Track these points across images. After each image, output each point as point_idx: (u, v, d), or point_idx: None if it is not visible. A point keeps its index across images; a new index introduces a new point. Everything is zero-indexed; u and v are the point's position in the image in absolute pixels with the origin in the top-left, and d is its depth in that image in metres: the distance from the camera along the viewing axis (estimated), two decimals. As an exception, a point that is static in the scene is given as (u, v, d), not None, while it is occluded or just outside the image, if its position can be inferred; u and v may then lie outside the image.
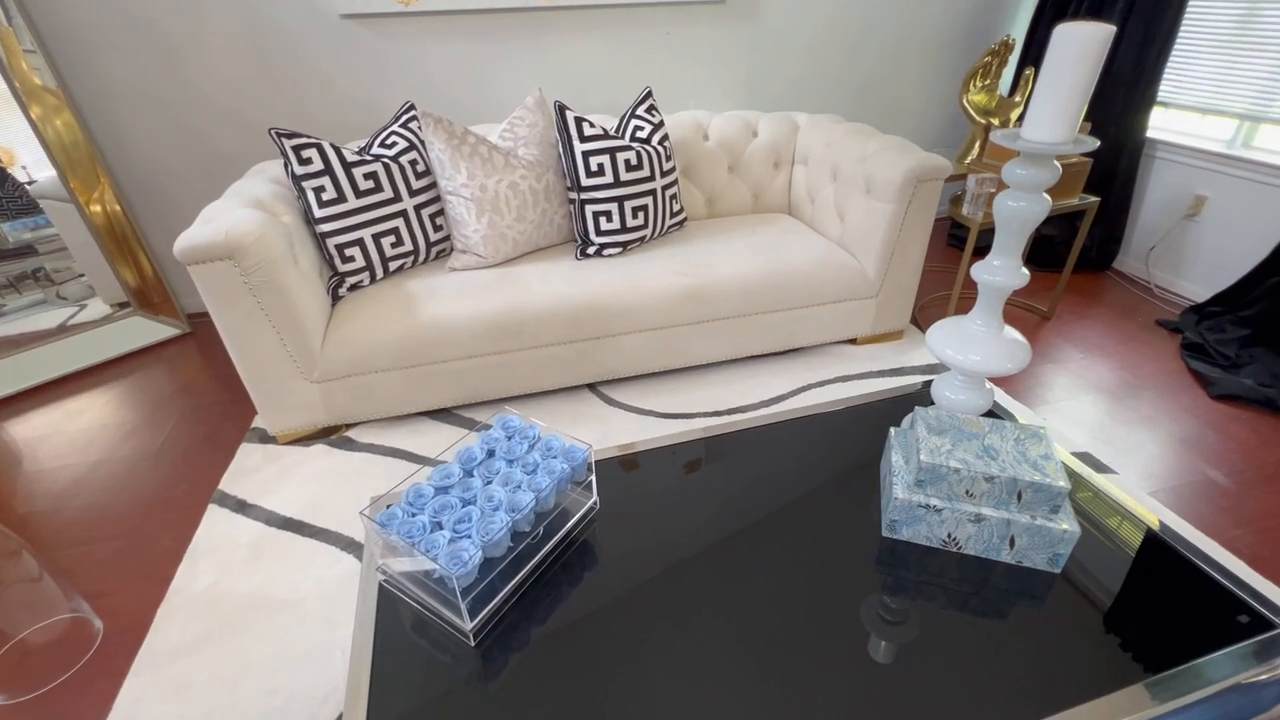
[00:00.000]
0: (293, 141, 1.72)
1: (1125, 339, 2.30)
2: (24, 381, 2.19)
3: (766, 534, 1.04)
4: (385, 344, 1.74)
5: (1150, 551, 0.98)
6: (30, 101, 2.10)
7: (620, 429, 1.89)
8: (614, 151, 1.92)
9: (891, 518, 0.98)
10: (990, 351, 1.04)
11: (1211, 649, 0.83)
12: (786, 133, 2.41)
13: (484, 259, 1.95)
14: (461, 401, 1.91)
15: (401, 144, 1.91)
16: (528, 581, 0.95)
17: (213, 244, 1.49)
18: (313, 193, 1.76)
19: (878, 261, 2.05)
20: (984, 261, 1.02)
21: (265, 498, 1.67)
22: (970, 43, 2.93)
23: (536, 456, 0.99)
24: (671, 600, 0.94)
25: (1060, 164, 2.13)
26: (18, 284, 2.33)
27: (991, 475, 0.90)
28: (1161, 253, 2.63)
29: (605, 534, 1.07)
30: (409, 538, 0.85)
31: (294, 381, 1.74)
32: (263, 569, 1.46)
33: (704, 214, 2.43)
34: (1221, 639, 0.84)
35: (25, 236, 2.31)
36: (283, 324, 1.65)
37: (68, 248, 2.35)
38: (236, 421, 1.98)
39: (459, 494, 0.93)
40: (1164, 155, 2.55)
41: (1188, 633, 0.85)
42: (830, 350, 2.23)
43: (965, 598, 0.94)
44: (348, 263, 1.84)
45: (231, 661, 1.25)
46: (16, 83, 2.06)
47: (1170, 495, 1.61)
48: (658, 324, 1.94)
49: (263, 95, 2.31)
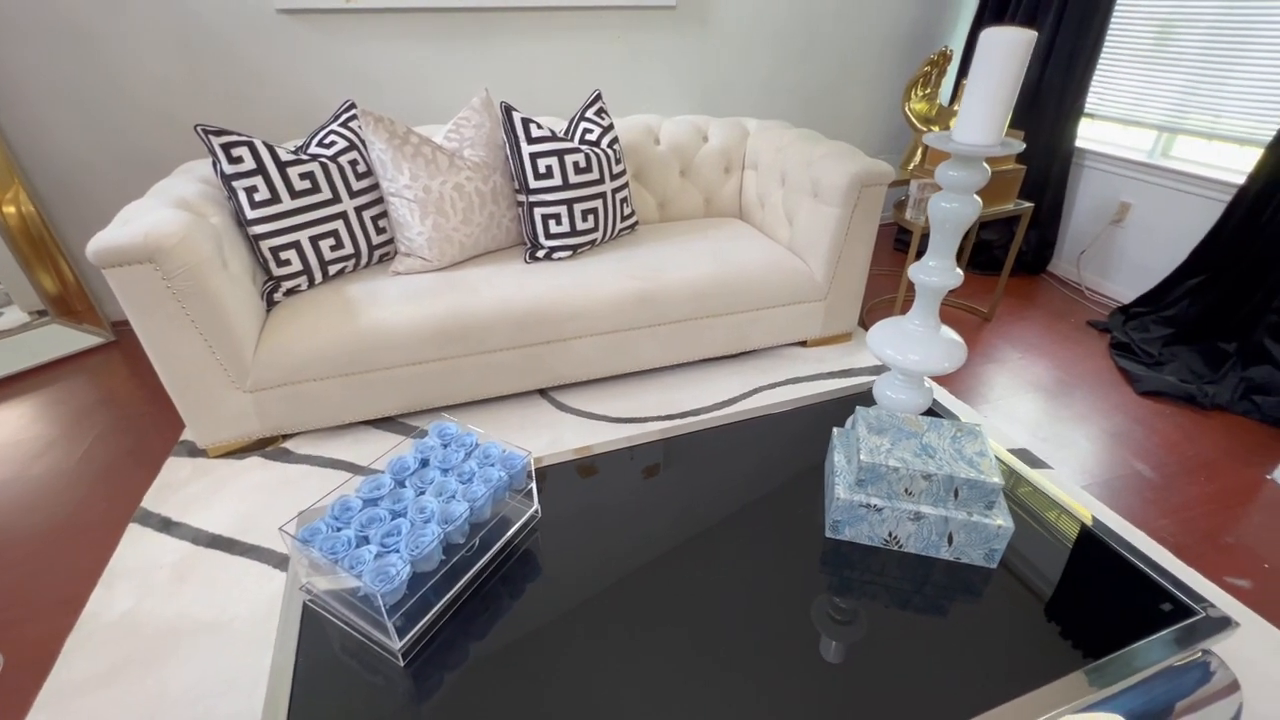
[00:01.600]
0: (221, 139, 1.63)
1: (1060, 339, 2.39)
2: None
3: (714, 539, 1.03)
4: (323, 350, 1.67)
5: (1082, 545, 1.01)
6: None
7: (571, 434, 1.85)
8: (562, 154, 1.90)
9: (834, 518, 0.98)
10: (928, 351, 1.06)
11: (1139, 636, 0.86)
12: (737, 138, 2.43)
13: (429, 262, 1.89)
14: (406, 409, 1.85)
15: (341, 144, 1.84)
16: (463, 596, 0.91)
17: (130, 246, 1.40)
18: (244, 193, 1.67)
19: (826, 265, 2.08)
20: (920, 262, 1.04)
21: (192, 514, 1.57)
22: (913, 53, 3.02)
23: (473, 465, 0.96)
24: (616, 610, 0.92)
25: (993, 168, 2.21)
26: None
27: (929, 473, 0.91)
28: (1091, 256, 2.75)
29: (548, 543, 1.04)
30: (332, 554, 0.81)
31: (224, 391, 1.65)
32: (187, 591, 1.37)
33: (656, 218, 2.42)
34: (1148, 627, 0.87)
35: None
36: (210, 331, 1.56)
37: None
38: (164, 434, 1.87)
39: (389, 506, 0.89)
40: (1092, 164, 2.68)
41: (1118, 622, 0.88)
42: (781, 353, 2.25)
43: (907, 596, 0.95)
44: (283, 266, 1.76)
45: (147, 693, 1.17)
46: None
47: (1102, 489, 1.67)
48: (609, 328, 1.92)
49: (194, 92, 2.20)
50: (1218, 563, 1.44)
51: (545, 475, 1.16)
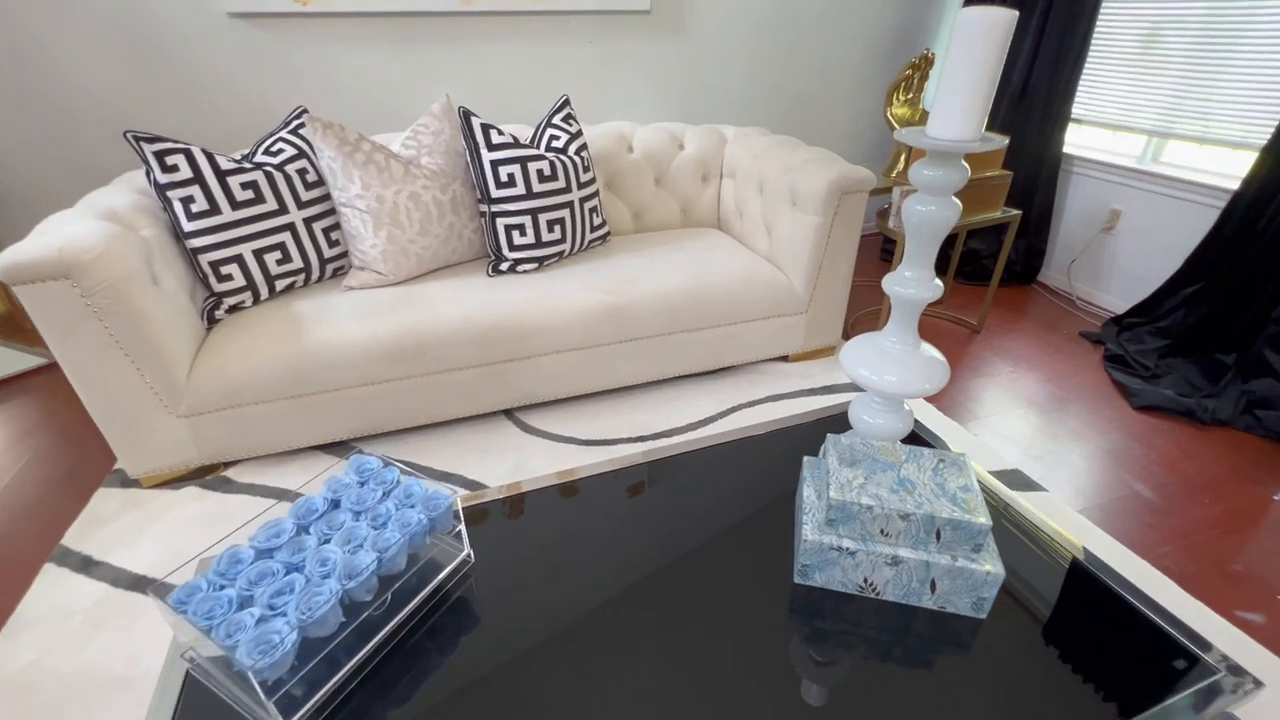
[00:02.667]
0: (154, 146, 1.52)
1: (1051, 351, 2.30)
2: None
3: (673, 582, 0.91)
4: (263, 372, 1.55)
5: (1083, 588, 0.90)
6: None
7: (536, 458, 1.74)
8: (525, 161, 1.80)
9: (803, 561, 0.87)
10: (907, 371, 0.95)
11: (1151, 700, 0.74)
12: (714, 145, 2.34)
13: (384, 276, 1.78)
14: (360, 433, 1.73)
15: (289, 151, 1.73)
16: (374, 659, 0.79)
17: (43, 260, 1.29)
18: (180, 203, 1.56)
19: (806, 276, 1.98)
20: (895, 273, 0.94)
21: (116, 552, 1.44)
22: (896, 57, 2.95)
23: (390, 507, 0.84)
24: (562, 661, 0.80)
25: (980, 174, 2.12)
26: None
27: (907, 512, 0.80)
28: (1082, 265, 2.67)
29: (485, 589, 0.92)
30: (207, 619, 0.69)
31: (156, 417, 1.53)
32: (99, 640, 1.24)
33: (631, 228, 2.32)
34: (1160, 688, 0.76)
35: None
36: (137, 352, 1.44)
37: None
38: (97, 463, 1.74)
39: (286, 557, 0.77)
40: (1080, 170, 2.60)
41: (1126, 682, 0.77)
42: (762, 368, 2.14)
43: (887, 647, 0.84)
44: (224, 281, 1.65)
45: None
46: None
47: (1099, 512, 1.56)
48: (577, 344, 1.81)
49: (143, 99, 2.09)
50: (1227, 595, 1.34)
51: (487, 511, 1.04)
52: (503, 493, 1.05)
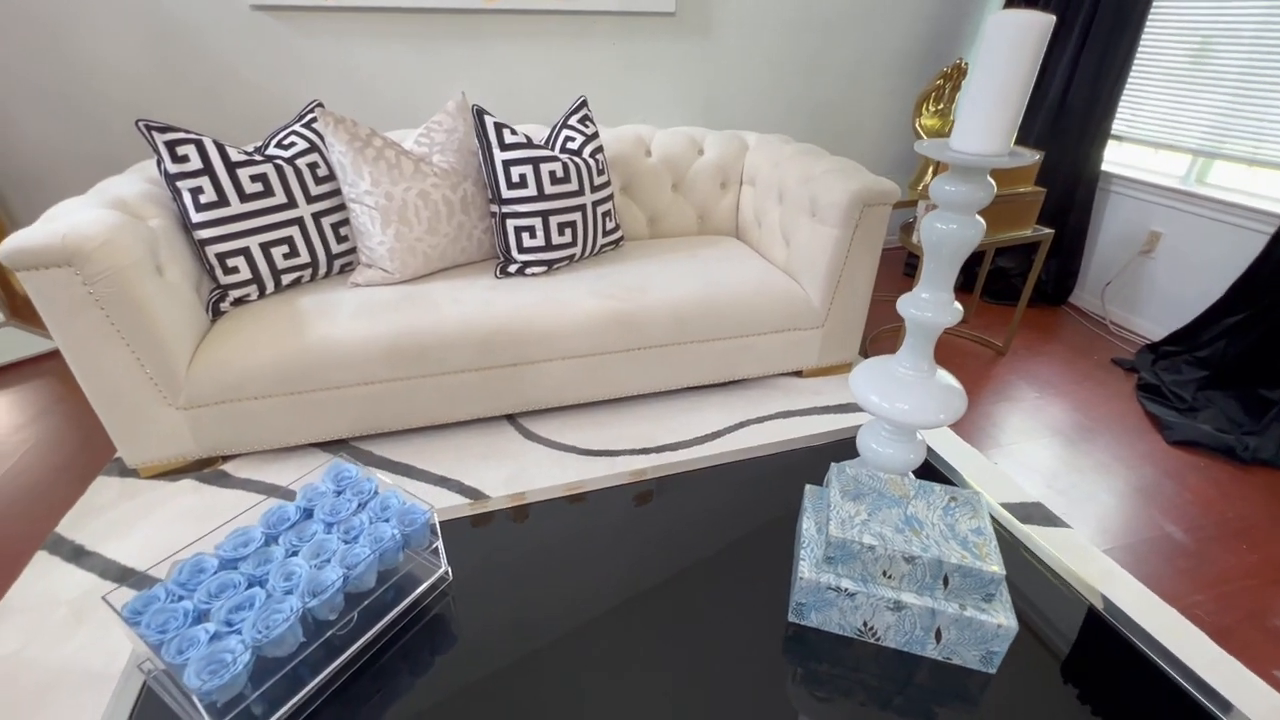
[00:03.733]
0: (166, 135, 1.52)
1: (1080, 377, 2.20)
2: None
3: (661, 608, 0.86)
4: (263, 367, 1.53)
5: (1099, 642, 0.82)
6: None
7: (537, 466, 1.69)
8: (538, 162, 1.76)
9: (798, 600, 0.81)
10: (920, 400, 0.88)
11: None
12: (735, 152, 2.29)
13: (390, 274, 1.75)
14: (359, 433, 1.70)
15: (301, 145, 1.72)
16: (339, 680, 0.75)
17: (46, 247, 1.28)
18: (189, 194, 1.55)
19: (823, 289, 1.91)
20: (910, 294, 0.87)
21: (108, 543, 1.43)
22: (927, 66, 2.87)
23: (364, 519, 0.80)
24: (542, 687, 0.75)
25: (1011, 190, 2.03)
26: None
27: (912, 555, 0.74)
28: (1117, 289, 2.55)
29: (464, 609, 0.88)
30: (160, 633, 0.65)
31: (155, 408, 1.52)
32: (81, 633, 1.22)
33: (646, 234, 2.27)
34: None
35: None
36: (138, 342, 1.43)
37: None
38: (98, 451, 1.74)
39: (250, 570, 0.73)
40: (1119, 189, 2.49)
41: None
42: (774, 383, 2.08)
43: (887, 697, 0.77)
44: (230, 274, 1.63)
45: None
46: None
47: (1126, 553, 1.47)
48: (583, 351, 1.77)
49: (165, 89, 2.10)
50: (1264, 652, 1.24)
51: (469, 525, 1.00)
52: (487, 506, 1.01)
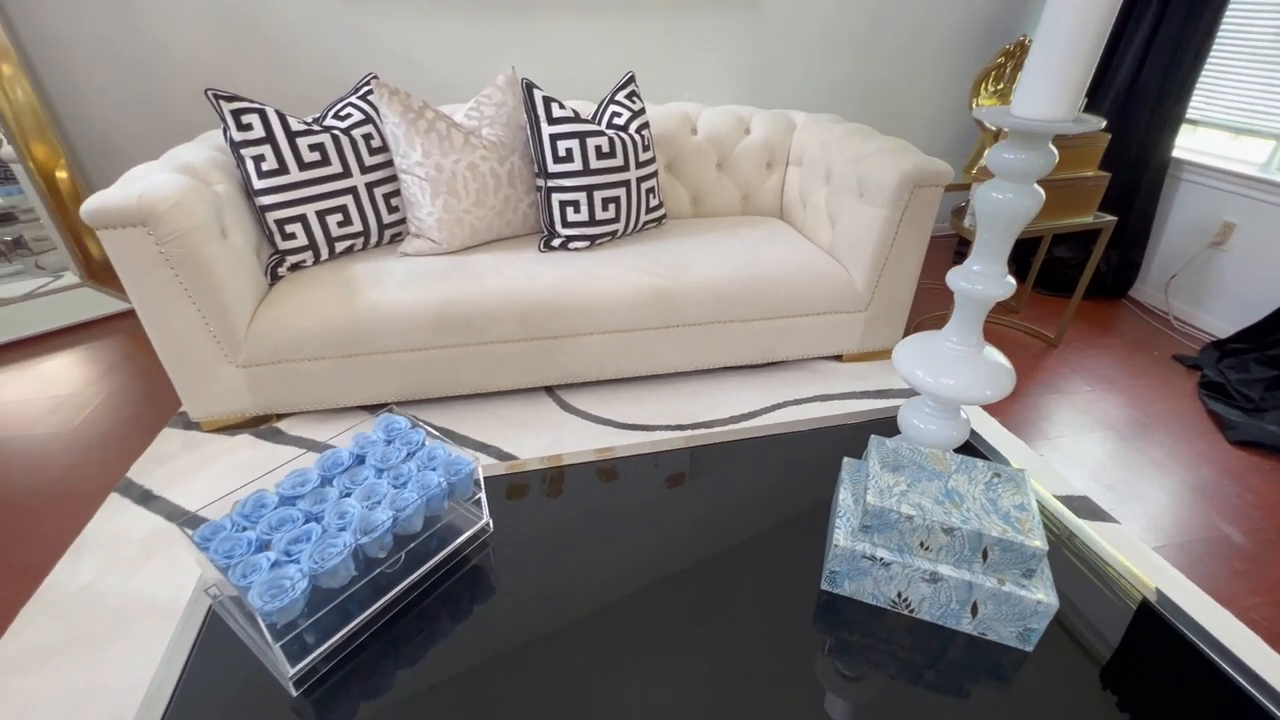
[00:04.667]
0: (232, 105, 1.58)
1: (1138, 373, 2.10)
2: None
3: (695, 574, 0.87)
4: (318, 329, 1.59)
5: (1148, 632, 0.80)
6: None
7: (573, 438, 1.72)
8: (584, 136, 1.77)
9: (832, 568, 0.81)
10: (967, 375, 0.87)
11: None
12: (782, 131, 2.25)
13: (438, 245, 1.80)
14: (404, 397, 1.76)
15: (356, 116, 1.77)
16: (386, 616, 0.79)
17: (124, 208, 1.36)
18: (252, 161, 1.62)
19: (868, 272, 1.88)
20: (961, 267, 0.86)
21: (172, 489, 1.52)
22: (987, 44, 2.76)
23: (412, 467, 0.83)
24: (576, 641, 0.78)
25: (1073, 174, 1.95)
26: (9, 252, 2.25)
27: (952, 527, 0.73)
28: (1183, 282, 2.43)
29: (503, 560, 0.91)
30: (226, 558, 0.70)
31: (218, 365, 1.60)
32: (149, 569, 1.31)
33: (688, 213, 2.27)
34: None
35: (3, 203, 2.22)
36: (203, 301, 1.50)
37: (40, 218, 2.26)
38: (164, 404, 1.84)
39: (307, 506, 0.77)
40: (1190, 177, 2.36)
41: (1188, 743, 0.68)
42: (812, 366, 2.06)
43: (918, 670, 0.77)
44: (288, 240, 1.70)
45: (84, 676, 1.10)
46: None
47: (1178, 552, 1.42)
48: (623, 326, 1.78)
49: (232, 61, 2.19)
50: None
51: (512, 483, 1.03)
52: (529, 466, 1.04)
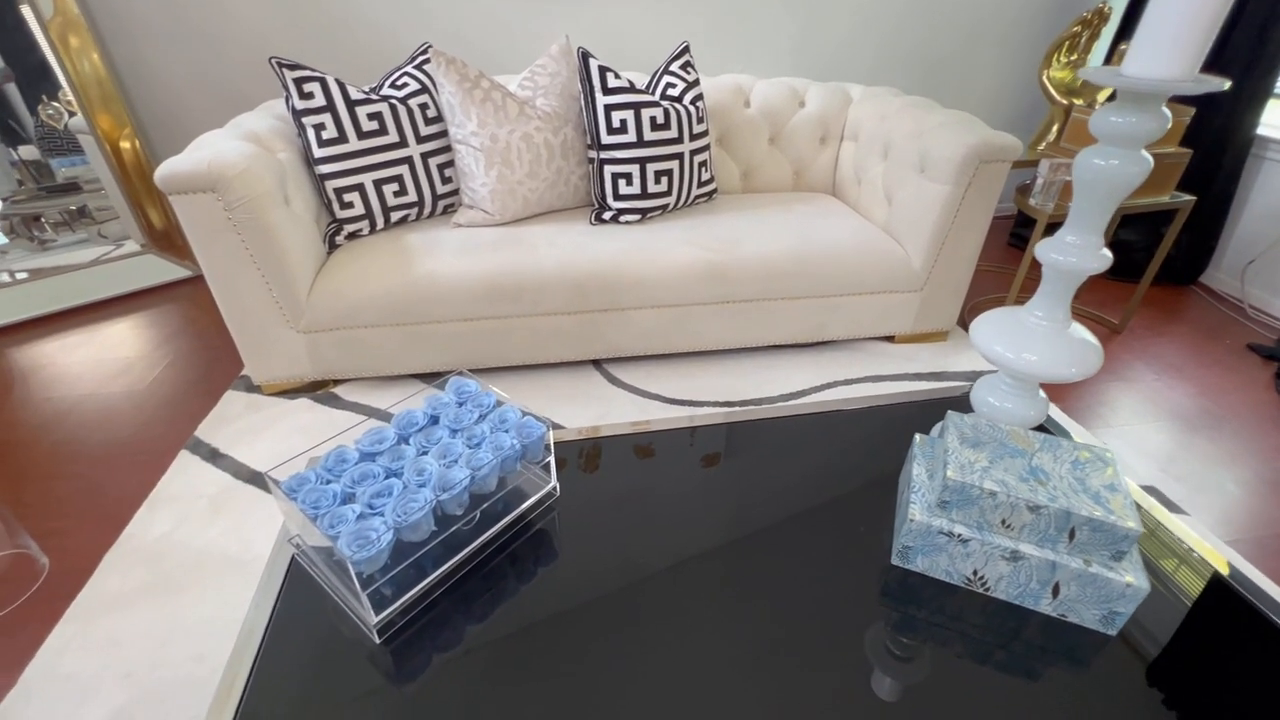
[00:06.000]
0: (295, 73, 1.60)
1: (1209, 362, 2.01)
2: (23, 312, 2.16)
3: (760, 546, 0.87)
4: (374, 298, 1.62)
5: (1235, 618, 0.77)
6: (55, 34, 2.05)
7: (621, 411, 1.73)
8: (639, 107, 1.75)
9: (905, 543, 0.80)
10: (1051, 351, 0.84)
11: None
12: (838, 105, 2.19)
13: (491, 216, 1.81)
14: (456, 366, 1.79)
15: (413, 85, 1.78)
16: (460, 572, 0.80)
17: (194, 173, 1.39)
18: (312, 130, 1.64)
19: (926, 251, 1.82)
20: (1053, 238, 0.82)
21: (238, 448, 1.58)
22: (1060, 11, 2.61)
23: (485, 429, 0.85)
24: (637, 607, 0.78)
25: (1152, 149, 1.85)
26: (73, 221, 2.34)
27: (1038, 504, 0.71)
28: (1261, 268, 2.30)
29: (567, 525, 0.92)
30: (314, 509, 0.72)
31: (279, 330, 1.65)
32: (220, 523, 1.37)
33: (738, 188, 2.23)
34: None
35: (70, 173, 2.31)
36: (267, 266, 1.54)
37: (104, 187, 2.35)
38: (226, 368, 1.91)
39: (386, 463, 0.79)
40: (1275, 155, 2.22)
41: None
42: (864, 346, 2.02)
43: (989, 649, 0.76)
44: (346, 209, 1.73)
45: (165, 619, 1.16)
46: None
47: (1253, 547, 1.36)
48: (672, 301, 1.77)
49: (289, 30, 2.22)
50: None
51: (576, 450, 1.04)
52: (600, 432, 1.04)
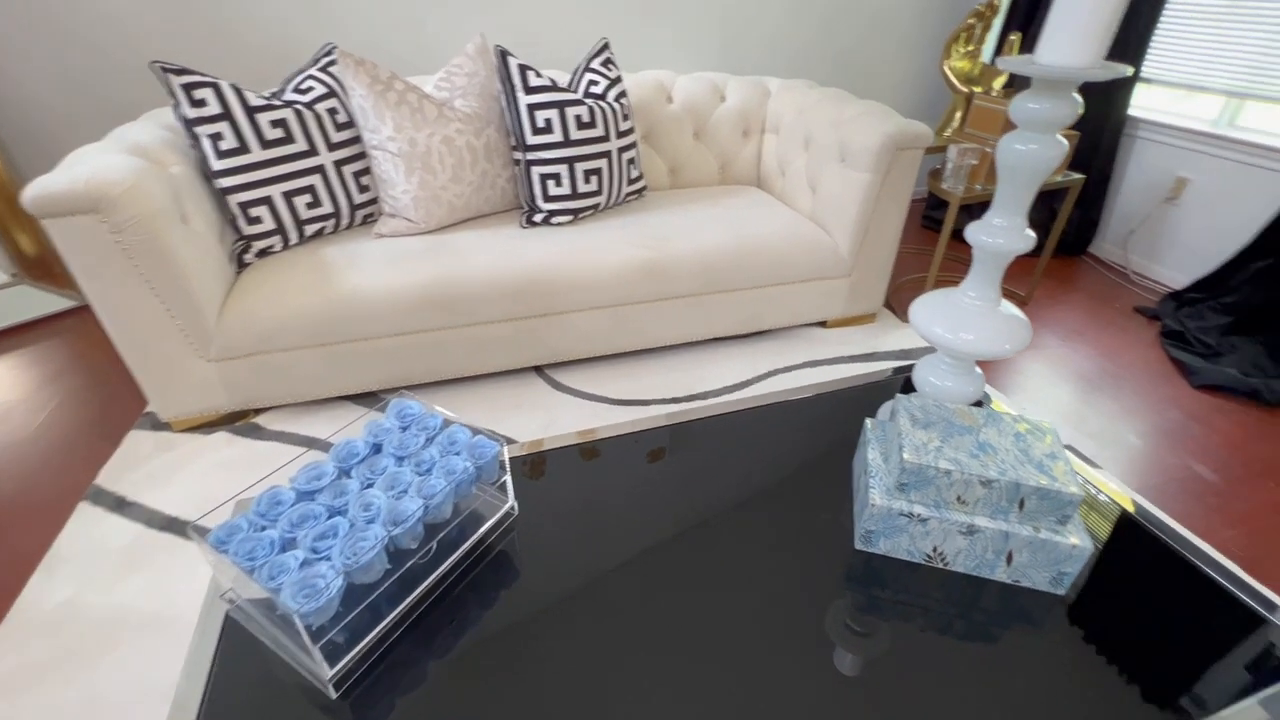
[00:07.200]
0: (182, 79, 1.46)
1: (1103, 325, 2.19)
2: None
3: (723, 543, 0.87)
4: (293, 318, 1.51)
5: (1168, 571, 0.84)
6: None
7: (568, 416, 1.70)
8: (563, 106, 1.71)
9: (867, 527, 0.81)
10: (986, 330, 0.88)
11: (1241, 692, 0.69)
12: (757, 98, 2.23)
13: (415, 224, 1.72)
14: (390, 385, 1.70)
15: (319, 89, 1.66)
16: (417, 609, 0.75)
17: (70, 194, 1.24)
18: (208, 140, 1.51)
19: (851, 237, 1.89)
20: (982, 221, 0.86)
21: (149, 494, 1.44)
22: (954, 8, 2.77)
23: (434, 453, 0.80)
24: (606, 620, 0.76)
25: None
26: None
27: (989, 479, 0.74)
28: (1140, 237, 2.53)
29: (527, 543, 0.88)
30: (249, 560, 0.65)
31: (186, 360, 1.50)
32: (135, 580, 1.23)
33: (667, 184, 2.23)
34: (1254, 678, 0.70)
35: None
36: (167, 292, 1.40)
37: None
38: (127, 405, 1.73)
39: (328, 501, 0.73)
40: (1145, 135, 2.44)
41: (1222, 672, 0.71)
42: (797, 333, 2.07)
43: (950, 620, 0.79)
44: (254, 224, 1.60)
45: (79, 696, 1.03)
46: None
47: (1157, 493, 1.49)
48: (610, 301, 1.75)
49: (174, 35, 2.02)
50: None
51: (528, 463, 1.00)
52: (549, 444, 1.01)
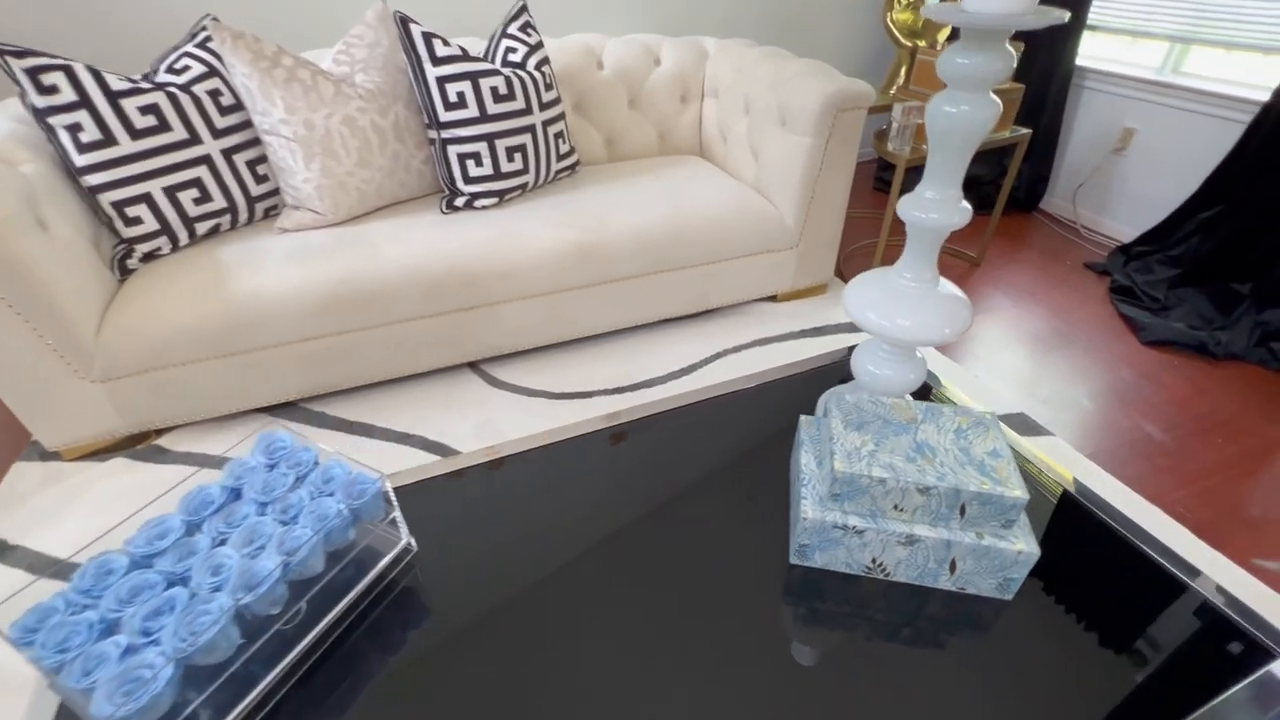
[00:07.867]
0: (25, 62, 1.27)
1: (1055, 283, 2.16)
2: None
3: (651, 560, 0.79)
4: (186, 328, 1.36)
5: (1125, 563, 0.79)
6: None
7: (504, 413, 1.59)
8: (476, 77, 1.56)
9: (801, 541, 0.74)
10: (923, 314, 0.80)
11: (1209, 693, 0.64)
12: (694, 60, 2.09)
13: (321, 215, 1.57)
14: (308, 393, 1.56)
15: (197, 69, 1.48)
16: (299, 671, 0.66)
17: (-111, 203, 1.07)
18: (66, 132, 1.33)
19: (797, 206, 1.80)
20: (912, 194, 0.77)
21: (34, 534, 1.29)
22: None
23: (304, 495, 0.69)
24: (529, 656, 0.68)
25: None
26: None
27: (927, 486, 0.67)
28: (1089, 191, 2.50)
29: (432, 579, 0.79)
30: (60, 651, 0.54)
31: (66, 383, 1.35)
32: (14, 635, 1.10)
33: (603, 157, 2.10)
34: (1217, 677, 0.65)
35: None
36: (29, 310, 1.24)
37: None
38: (9, 435, 1.56)
39: (169, 566, 0.62)
40: (1093, 85, 2.39)
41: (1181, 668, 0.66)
42: (748, 309, 1.99)
43: (894, 629, 0.72)
44: (134, 225, 1.43)
45: (-59, 779, 0.92)
46: None
47: (1109, 457, 1.47)
48: (543, 289, 1.63)
49: (35, 9, 1.79)
50: (1245, 542, 1.25)
51: (428, 490, 0.90)
52: (448, 466, 0.91)
